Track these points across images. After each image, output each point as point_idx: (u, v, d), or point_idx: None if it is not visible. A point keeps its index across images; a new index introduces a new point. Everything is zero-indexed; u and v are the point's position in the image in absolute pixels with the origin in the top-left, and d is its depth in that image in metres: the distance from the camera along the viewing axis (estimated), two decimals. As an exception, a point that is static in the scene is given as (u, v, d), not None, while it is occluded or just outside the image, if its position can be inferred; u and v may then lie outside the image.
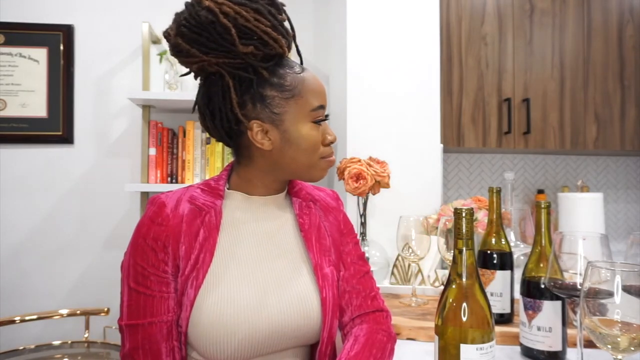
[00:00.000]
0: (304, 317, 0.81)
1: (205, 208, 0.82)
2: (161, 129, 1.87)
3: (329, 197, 0.98)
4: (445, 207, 1.56)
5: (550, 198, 2.29)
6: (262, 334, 0.78)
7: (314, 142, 0.83)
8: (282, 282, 0.83)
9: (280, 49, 0.79)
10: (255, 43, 0.77)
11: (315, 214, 0.92)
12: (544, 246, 0.89)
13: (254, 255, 0.83)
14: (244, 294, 0.79)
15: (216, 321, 0.76)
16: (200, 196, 0.84)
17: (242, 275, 0.81)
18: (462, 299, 0.70)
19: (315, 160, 0.85)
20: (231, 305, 0.77)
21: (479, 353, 0.68)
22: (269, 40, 0.78)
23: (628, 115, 2.00)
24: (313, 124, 0.83)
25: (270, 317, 0.79)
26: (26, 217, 1.96)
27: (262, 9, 0.78)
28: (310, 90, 0.82)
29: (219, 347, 0.76)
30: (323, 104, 0.85)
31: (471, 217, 0.72)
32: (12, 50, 1.94)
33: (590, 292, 0.65)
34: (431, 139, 1.76)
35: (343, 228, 0.96)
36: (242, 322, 0.76)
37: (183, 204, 0.82)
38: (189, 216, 0.81)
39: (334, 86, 2.01)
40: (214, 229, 0.81)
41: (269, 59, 0.80)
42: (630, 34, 2.00)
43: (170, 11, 0.88)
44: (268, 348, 0.80)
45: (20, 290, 1.94)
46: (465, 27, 1.87)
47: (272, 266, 0.84)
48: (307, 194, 0.95)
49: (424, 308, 1.22)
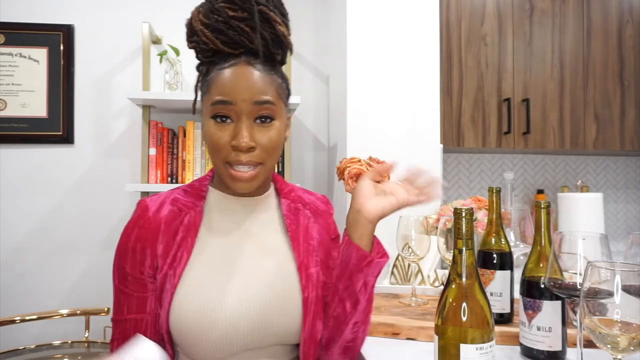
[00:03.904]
0: (284, 315, 0.81)
1: (185, 209, 0.84)
2: (161, 129, 1.87)
3: (319, 201, 0.98)
4: (445, 207, 1.56)
5: (550, 198, 2.29)
6: (240, 331, 0.78)
7: (211, 140, 0.78)
8: (263, 280, 0.83)
9: (214, 45, 0.80)
10: (196, 40, 0.82)
11: (303, 215, 0.91)
12: (544, 246, 0.89)
13: (234, 254, 0.84)
14: (221, 291, 0.79)
15: (192, 317, 0.77)
16: (182, 198, 0.86)
17: (219, 273, 0.81)
18: (462, 298, 0.71)
19: (219, 163, 0.80)
20: (207, 301, 0.78)
21: (479, 353, 0.68)
22: (202, 38, 0.81)
23: (628, 115, 2.00)
24: (213, 121, 0.78)
25: (248, 314, 0.79)
26: (26, 217, 1.96)
27: (212, 8, 0.81)
28: (218, 83, 0.78)
29: (199, 345, 0.77)
30: (226, 99, 0.76)
31: (471, 217, 0.72)
32: (12, 50, 1.94)
33: (590, 292, 0.65)
34: (431, 139, 1.76)
35: (331, 233, 0.96)
36: (219, 318, 0.77)
37: (165, 207, 0.84)
38: (168, 217, 0.82)
39: (334, 86, 2.01)
40: (193, 228, 0.82)
41: (208, 54, 0.83)
42: (630, 34, 2.00)
43: (170, 11, 0.89)
44: (249, 345, 0.80)
45: (20, 290, 1.94)
46: (465, 27, 1.87)
47: (252, 264, 0.84)
48: (297, 196, 0.94)
49: (424, 308, 1.22)
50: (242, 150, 0.77)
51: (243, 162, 0.78)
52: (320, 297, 0.85)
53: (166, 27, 2.00)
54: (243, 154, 0.77)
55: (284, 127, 0.83)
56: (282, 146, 0.86)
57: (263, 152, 0.79)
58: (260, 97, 0.77)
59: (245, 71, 0.78)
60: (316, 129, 2.18)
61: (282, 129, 0.82)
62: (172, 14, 2.02)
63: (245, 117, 0.77)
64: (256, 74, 0.78)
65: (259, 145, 0.78)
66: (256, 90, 0.77)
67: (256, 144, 0.78)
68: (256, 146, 0.78)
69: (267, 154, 0.80)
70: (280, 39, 0.83)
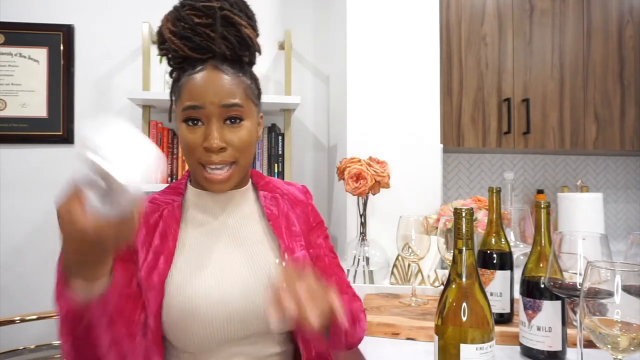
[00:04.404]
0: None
1: (163, 204, 0.87)
2: (161, 129, 1.88)
3: (298, 191, 1.00)
4: (445, 207, 1.57)
5: (550, 198, 2.29)
6: (224, 321, 0.79)
7: (184, 143, 0.82)
8: (242, 269, 0.84)
9: (182, 52, 0.83)
10: (166, 47, 0.85)
11: (282, 205, 0.94)
12: (544, 246, 0.89)
13: (215, 247, 0.86)
14: (199, 284, 0.80)
15: (183, 308, 0.78)
16: (160, 196, 0.89)
17: (203, 266, 0.82)
18: (462, 298, 0.71)
19: (193, 164, 0.83)
20: (186, 295, 0.79)
21: (479, 353, 0.68)
22: (171, 45, 0.83)
23: (628, 115, 2.00)
24: (185, 125, 0.82)
25: (229, 304, 0.80)
26: (26, 217, 1.96)
27: (178, 16, 0.83)
28: (187, 89, 0.81)
29: (189, 335, 0.78)
30: (195, 103, 0.80)
31: (471, 217, 0.72)
32: (12, 50, 1.94)
33: (590, 292, 0.65)
34: (431, 139, 1.76)
35: (312, 221, 0.98)
36: (205, 306, 0.78)
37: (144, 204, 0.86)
38: (147, 210, 0.85)
39: (334, 86, 2.01)
40: (174, 221, 0.85)
41: (178, 60, 0.85)
42: (630, 34, 2.00)
43: None
44: (238, 333, 0.81)
45: (20, 290, 1.94)
46: (465, 28, 1.87)
47: (232, 256, 0.85)
48: (275, 187, 0.97)
49: (424, 308, 1.22)
50: (214, 151, 0.80)
51: (215, 162, 0.81)
52: None
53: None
54: (215, 155, 0.81)
55: (255, 126, 0.87)
56: (255, 145, 0.89)
57: (235, 151, 0.82)
58: (228, 100, 0.81)
59: (213, 75, 0.81)
60: (316, 129, 2.18)
61: (253, 128, 0.86)
62: (172, 14, 2.02)
63: (215, 119, 0.81)
64: (224, 77, 0.81)
65: (230, 145, 0.82)
66: (224, 94, 0.80)
67: (227, 144, 0.81)
68: (227, 146, 0.81)
69: (238, 152, 0.83)
70: (246, 41, 0.86)
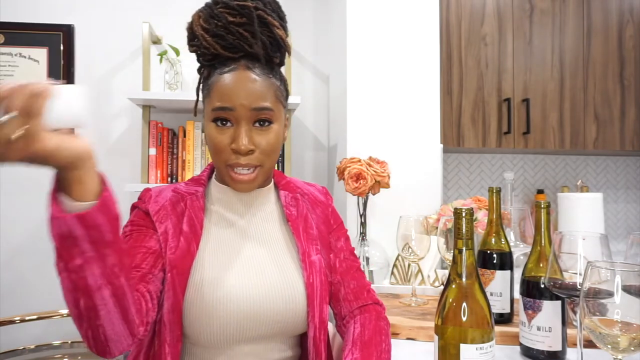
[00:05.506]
0: (288, 302, 0.83)
1: (186, 194, 0.87)
2: (161, 129, 1.87)
3: (318, 192, 1.01)
4: (445, 207, 1.57)
5: (550, 198, 2.29)
6: (243, 318, 0.80)
7: (212, 143, 0.82)
8: (266, 268, 0.85)
9: (214, 50, 0.83)
10: (196, 44, 0.85)
11: (302, 206, 0.94)
12: (544, 246, 0.89)
13: (237, 245, 0.86)
14: (224, 277, 0.81)
15: (204, 300, 0.78)
16: (182, 186, 0.90)
17: (224, 263, 0.83)
18: (462, 298, 0.71)
19: (221, 165, 0.83)
20: (210, 286, 0.79)
21: (479, 353, 0.68)
22: (203, 42, 0.83)
23: (628, 115, 2.00)
24: (214, 124, 0.82)
25: (252, 301, 0.81)
26: (26, 217, 1.96)
27: (211, 13, 0.83)
28: (218, 89, 0.81)
29: (206, 331, 0.78)
30: (226, 105, 0.80)
31: (471, 217, 0.72)
32: (12, 50, 1.94)
33: (590, 292, 0.65)
34: (431, 139, 1.76)
35: (333, 223, 0.99)
36: (223, 304, 0.79)
37: (166, 192, 0.88)
38: (172, 200, 0.86)
39: (334, 86, 2.01)
40: (199, 209, 0.86)
41: (209, 58, 0.85)
42: (630, 34, 2.00)
43: (170, 11, 0.90)
44: (253, 332, 0.81)
45: (20, 290, 1.94)
46: (465, 27, 1.87)
47: (255, 253, 0.86)
48: (296, 187, 0.97)
49: (424, 308, 1.22)
50: (242, 153, 0.80)
51: (242, 164, 0.81)
52: (324, 282, 0.88)
53: (166, 27, 2.00)
54: (242, 157, 0.81)
55: (282, 128, 0.87)
56: (281, 147, 0.90)
57: (261, 154, 0.82)
58: (259, 103, 0.81)
59: (245, 76, 0.81)
60: (316, 129, 2.18)
61: (281, 131, 0.86)
62: (172, 14, 2.02)
63: (245, 121, 0.81)
64: (255, 79, 0.81)
65: (258, 148, 0.82)
66: (255, 97, 0.80)
67: (255, 146, 0.81)
68: (255, 149, 0.82)
69: (265, 156, 0.83)
70: (278, 42, 0.85)
